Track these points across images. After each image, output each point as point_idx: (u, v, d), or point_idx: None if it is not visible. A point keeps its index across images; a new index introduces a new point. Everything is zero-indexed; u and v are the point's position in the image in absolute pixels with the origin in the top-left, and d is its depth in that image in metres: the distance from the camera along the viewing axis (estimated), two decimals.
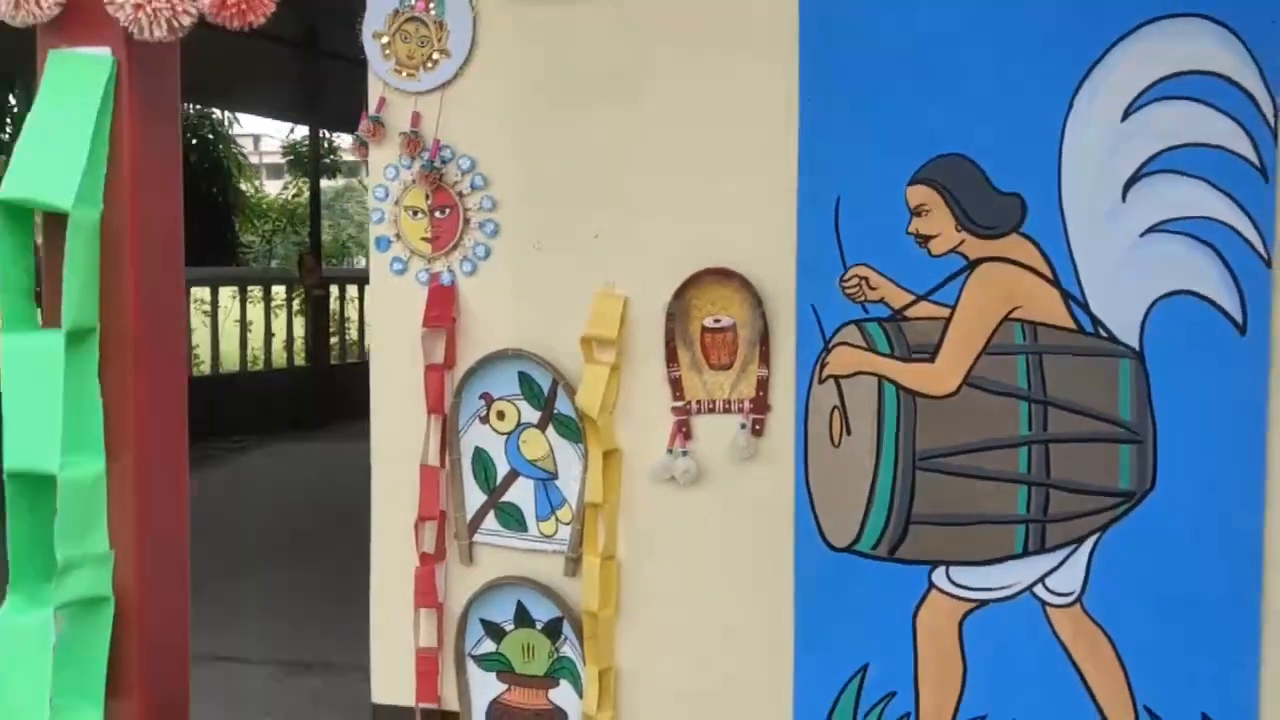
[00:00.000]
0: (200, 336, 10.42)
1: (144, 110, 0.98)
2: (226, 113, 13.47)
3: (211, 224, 12.87)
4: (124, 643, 0.84)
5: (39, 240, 1.60)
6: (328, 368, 11.74)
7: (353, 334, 12.40)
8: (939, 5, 2.63)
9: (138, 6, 0.99)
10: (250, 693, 4.31)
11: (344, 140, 15.21)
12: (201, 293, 10.66)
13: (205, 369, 10.58)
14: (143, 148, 1.02)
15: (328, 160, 15.56)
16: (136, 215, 0.93)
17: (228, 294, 10.93)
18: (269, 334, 11.23)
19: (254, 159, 21.24)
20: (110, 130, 0.93)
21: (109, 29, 1.10)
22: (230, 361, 11.09)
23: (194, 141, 12.83)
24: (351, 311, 12.29)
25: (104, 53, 1.10)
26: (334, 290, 11.76)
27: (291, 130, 15.98)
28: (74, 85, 1.08)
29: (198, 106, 12.77)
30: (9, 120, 10.85)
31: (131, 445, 0.85)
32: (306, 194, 17.89)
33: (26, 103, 9.73)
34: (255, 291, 11.20)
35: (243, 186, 14.25)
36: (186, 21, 1.04)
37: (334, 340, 11.82)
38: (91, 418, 0.88)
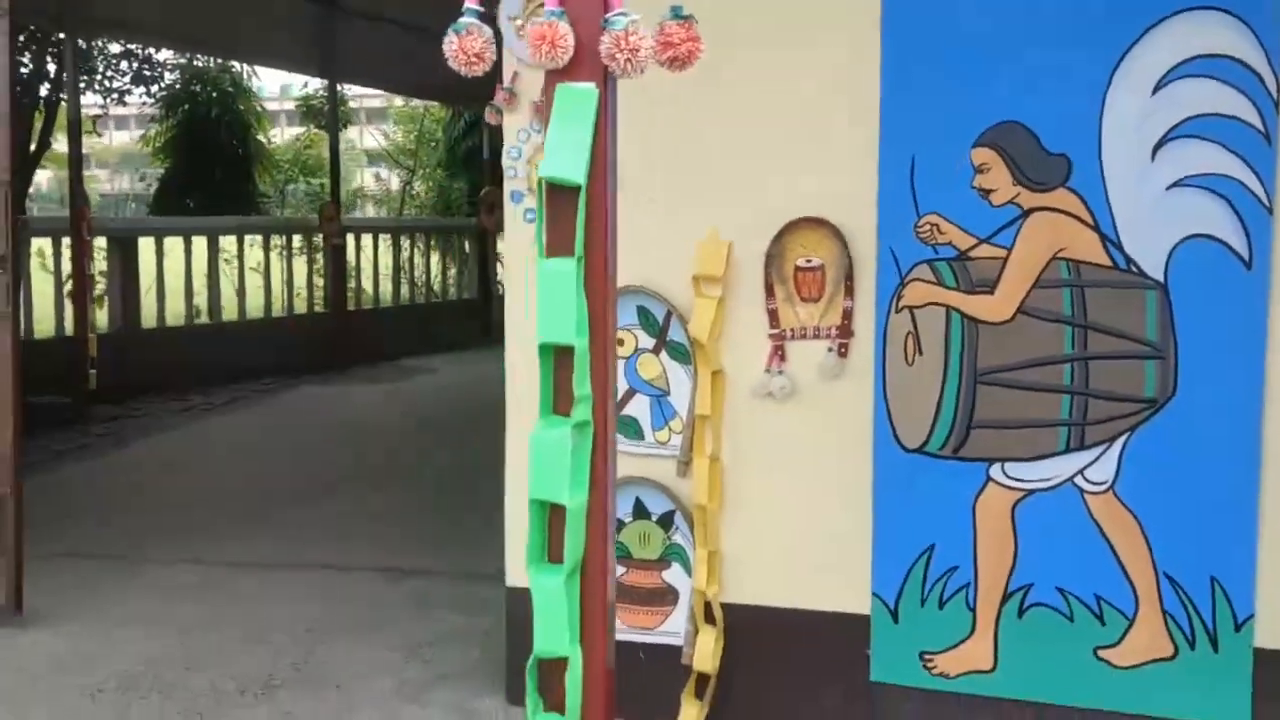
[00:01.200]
0: (227, 283, 10.87)
1: (610, 127, 1.54)
2: (245, 66, 13.83)
3: (232, 175, 13.26)
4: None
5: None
6: (345, 313, 12.22)
7: (366, 282, 12.89)
8: None
9: (626, 59, 1.47)
10: (361, 595, 4.86)
11: (353, 91, 15.58)
12: (227, 241, 11.10)
13: (233, 315, 11.03)
14: (609, 144, 1.60)
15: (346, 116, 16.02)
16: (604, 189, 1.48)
17: (249, 242, 11.37)
18: (291, 281, 11.72)
19: (276, 106, 21.24)
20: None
21: (596, 69, 1.60)
22: (255, 308, 11.57)
23: (214, 95, 13.17)
24: (365, 260, 12.77)
25: (590, 86, 1.61)
26: (350, 240, 12.22)
27: (305, 84, 16.37)
28: (573, 109, 1.59)
29: (219, 61, 13.12)
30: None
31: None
32: (317, 145, 18.31)
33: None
34: (277, 240, 11.66)
35: (261, 139, 14.63)
36: (646, 65, 1.50)
37: (350, 286, 12.30)
38: (582, 320, 1.40)
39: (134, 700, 3.80)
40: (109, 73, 12.70)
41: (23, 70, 10.07)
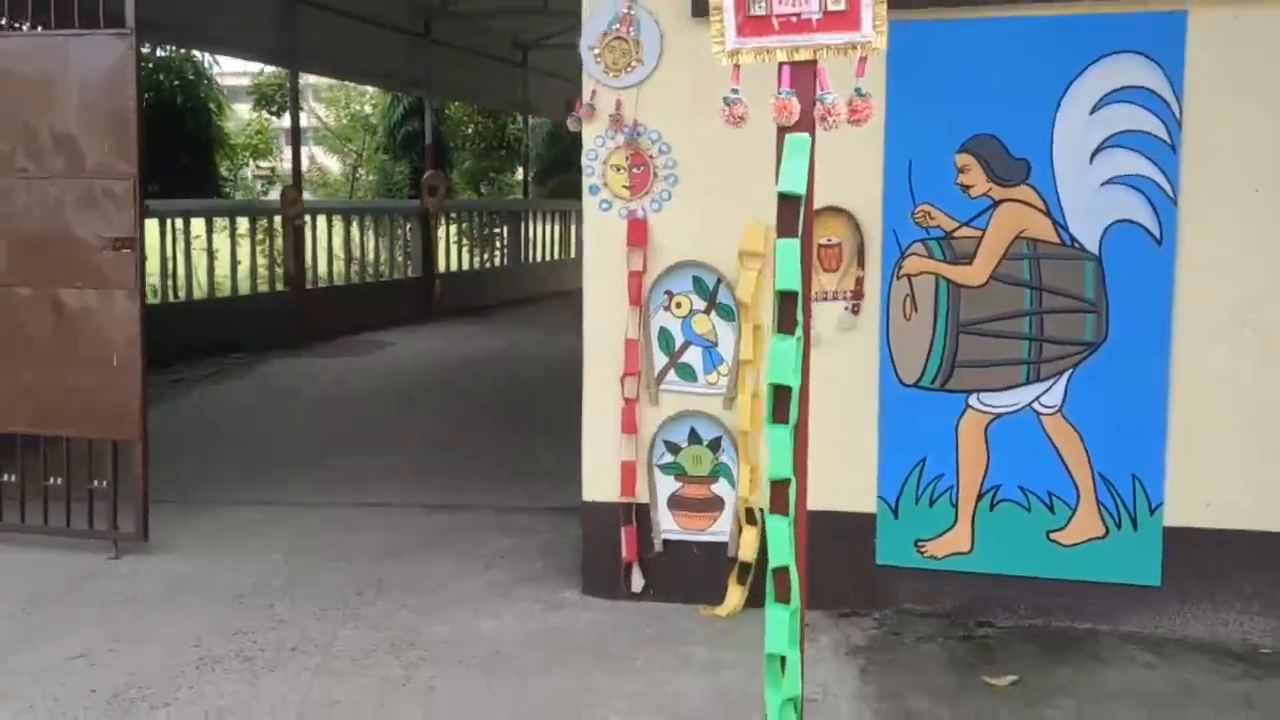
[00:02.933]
0: (198, 263, 11.45)
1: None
2: (207, 54, 14.32)
3: (194, 159, 13.73)
4: None
5: None
6: (303, 291, 12.86)
7: (320, 263, 13.54)
8: (974, 36, 4.16)
9: (831, 121, 2.31)
10: (419, 525, 5.68)
11: (311, 80, 16.07)
12: (197, 224, 11.66)
13: (203, 294, 11.62)
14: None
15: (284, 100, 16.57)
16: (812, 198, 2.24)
17: (218, 225, 11.97)
18: (254, 261, 12.33)
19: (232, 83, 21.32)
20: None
21: (808, 125, 2.47)
22: (222, 287, 12.15)
23: (177, 83, 13.63)
24: (320, 241, 13.42)
25: (805, 136, 2.47)
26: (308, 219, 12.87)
27: (261, 71, 16.83)
28: (796, 150, 2.45)
29: (182, 50, 13.59)
30: None
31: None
32: (265, 129, 18.73)
33: None
34: (242, 222, 12.25)
35: (220, 124, 15.08)
36: (841, 123, 2.31)
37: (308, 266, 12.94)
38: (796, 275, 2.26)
39: (274, 600, 4.62)
40: None
41: None
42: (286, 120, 17.64)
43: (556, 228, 19.14)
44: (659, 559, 4.59)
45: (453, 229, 16.46)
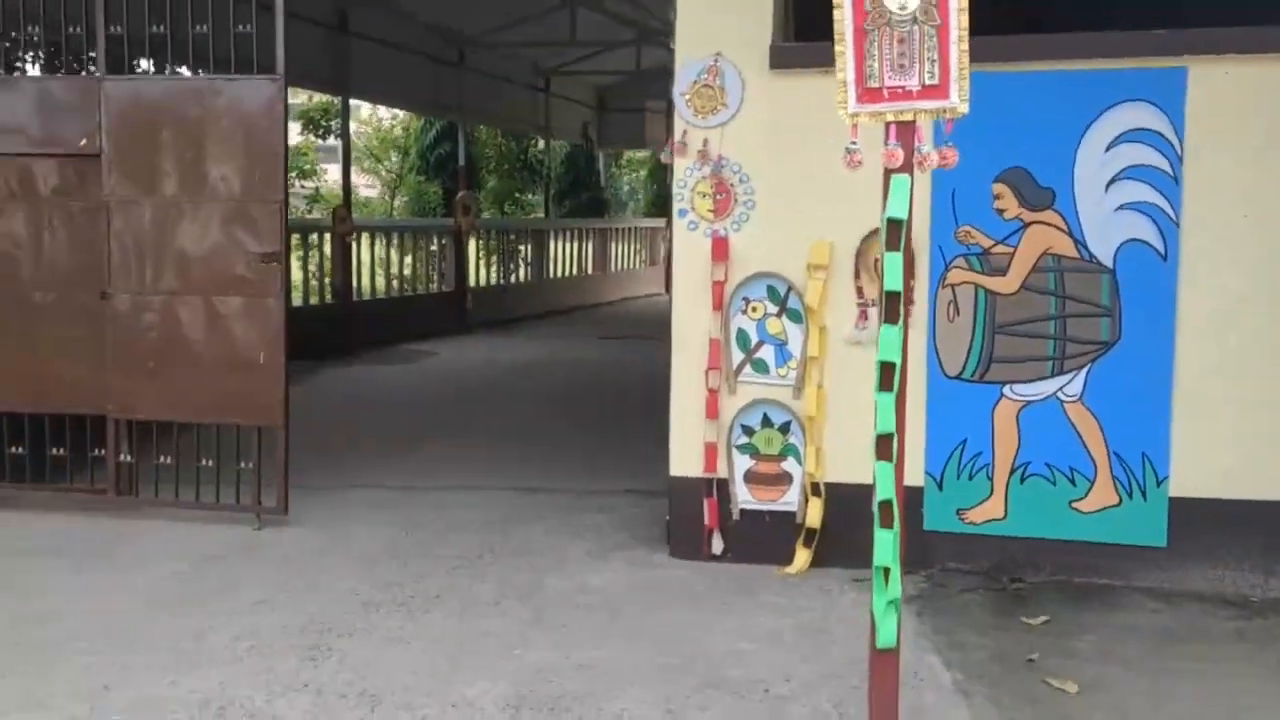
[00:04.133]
0: None
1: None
2: None
3: None
4: None
5: None
6: (351, 304, 13.64)
7: (364, 276, 14.33)
8: (1009, 85, 4.97)
9: (926, 165, 3.07)
10: (515, 503, 6.45)
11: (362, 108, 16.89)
12: None
13: None
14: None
15: (330, 124, 17.48)
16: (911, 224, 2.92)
17: None
18: (305, 275, 13.14)
19: None
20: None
21: (909, 169, 3.25)
22: None
23: None
24: (364, 256, 14.22)
25: (906, 176, 3.25)
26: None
27: (310, 97, 17.68)
28: (899, 187, 3.22)
29: None
30: None
31: None
32: (309, 152, 19.56)
33: None
34: (296, 238, 13.07)
35: None
36: (933, 166, 3.06)
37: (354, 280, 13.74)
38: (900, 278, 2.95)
39: (407, 561, 5.40)
40: None
41: None
42: (327, 142, 18.55)
43: (576, 245, 19.96)
44: (736, 526, 5.38)
45: (479, 246, 17.28)
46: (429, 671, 4.14)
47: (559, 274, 19.52)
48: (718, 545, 5.39)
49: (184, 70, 6.47)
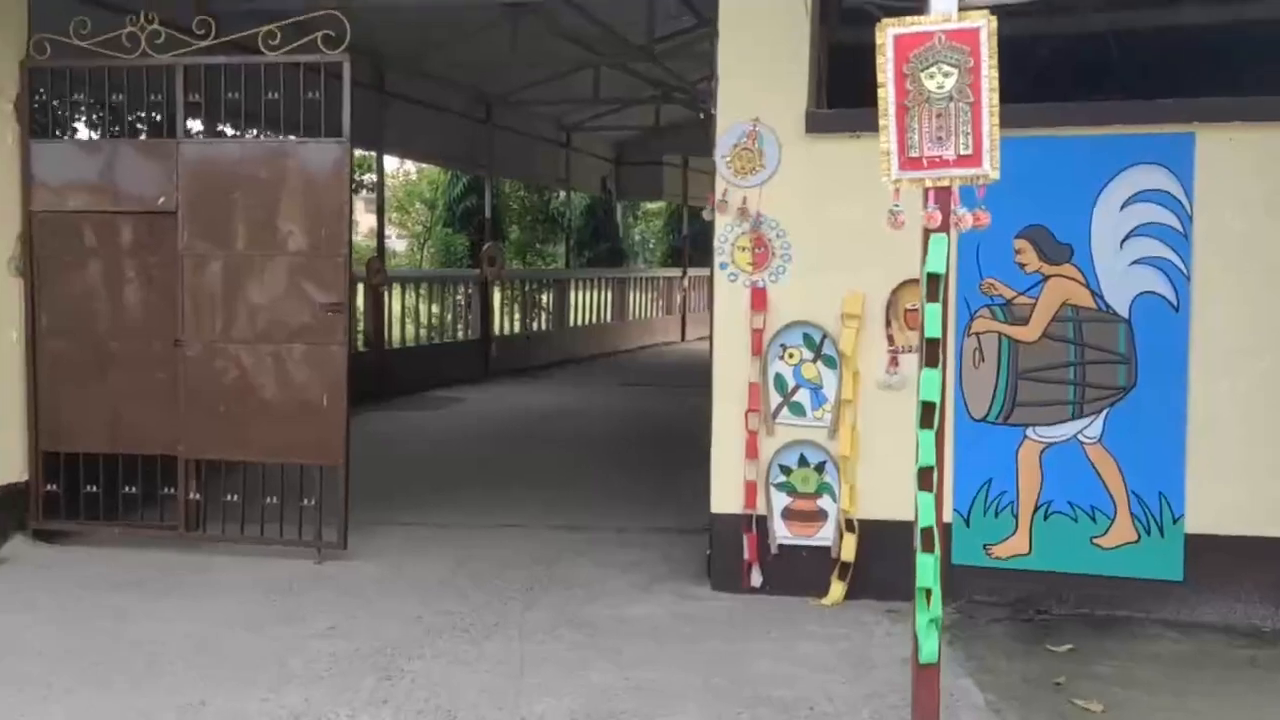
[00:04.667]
0: None
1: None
2: None
3: None
4: None
5: None
6: (382, 352, 14.05)
7: (395, 325, 14.76)
8: (1031, 148, 5.35)
9: (963, 226, 3.48)
10: (558, 541, 6.77)
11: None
12: None
13: None
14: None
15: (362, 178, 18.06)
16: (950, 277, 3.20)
17: None
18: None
19: None
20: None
21: (946, 229, 3.63)
22: None
23: None
24: (397, 305, 14.65)
25: (944, 235, 3.63)
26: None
27: None
28: (937, 247, 3.60)
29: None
30: None
31: None
32: None
33: None
34: None
35: None
36: (968, 228, 3.46)
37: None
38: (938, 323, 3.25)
39: (464, 592, 5.72)
40: None
41: None
42: (359, 195, 19.05)
43: (595, 294, 20.38)
44: (774, 560, 5.70)
45: (503, 295, 17.71)
46: (496, 690, 4.46)
47: (579, 322, 19.92)
48: (757, 578, 5.71)
49: (256, 133, 6.89)
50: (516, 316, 18.17)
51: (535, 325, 18.92)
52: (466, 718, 4.20)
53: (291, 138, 6.25)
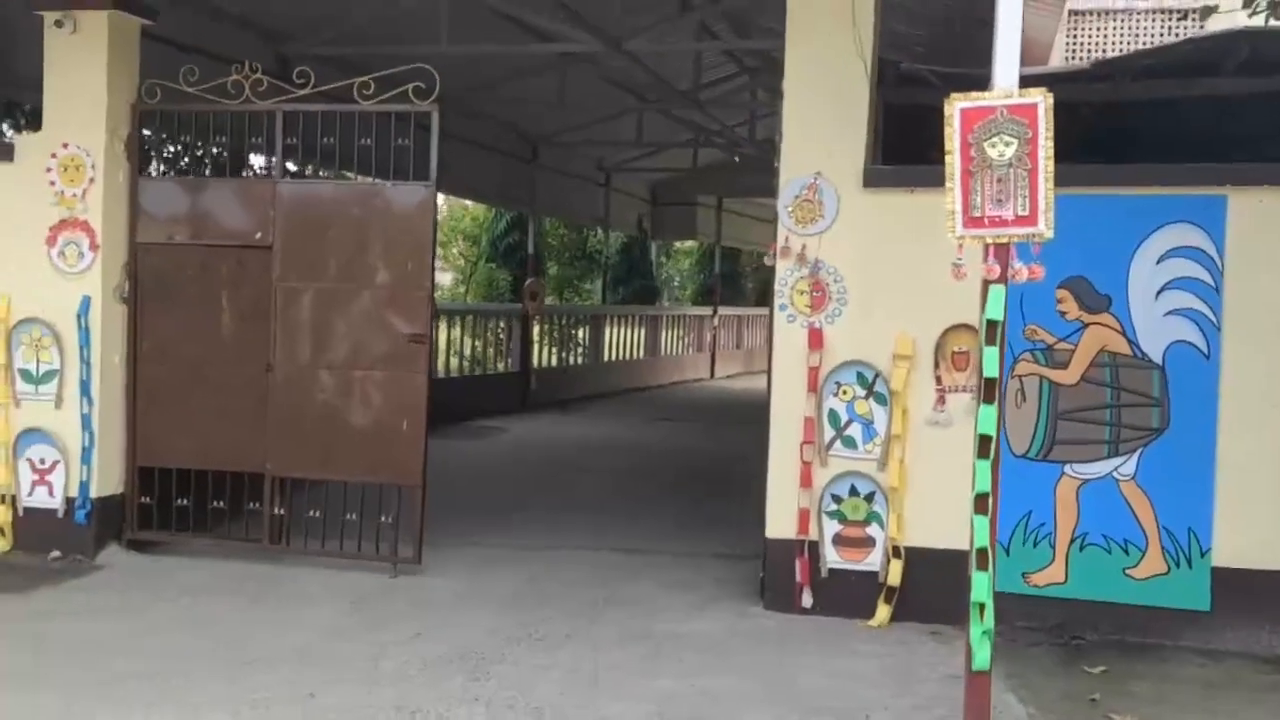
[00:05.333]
0: None
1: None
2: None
3: None
4: None
5: None
6: (432, 382, 14.54)
7: (440, 356, 15.23)
8: (1074, 206, 5.74)
9: (1021, 278, 3.97)
10: (615, 563, 7.17)
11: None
12: None
13: None
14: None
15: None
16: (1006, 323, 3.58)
17: None
18: None
19: None
20: None
21: (1004, 281, 4.07)
22: None
23: None
24: (443, 337, 15.13)
25: (1002, 286, 4.07)
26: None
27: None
28: (994, 296, 4.02)
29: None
30: None
31: None
32: None
33: None
34: None
35: None
36: (1025, 280, 3.93)
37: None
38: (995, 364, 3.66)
39: (534, 607, 6.12)
40: None
41: None
42: None
43: (629, 331, 20.83)
44: (824, 583, 6.09)
45: (542, 329, 18.20)
46: (575, 692, 4.87)
47: (613, 358, 20.37)
48: (808, 599, 6.09)
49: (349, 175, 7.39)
50: (554, 350, 18.65)
51: (572, 359, 19.39)
52: (552, 715, 4.60)
53: (380, 180, 6.74)
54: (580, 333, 19.57)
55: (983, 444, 4.00)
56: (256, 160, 8.62)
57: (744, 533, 7.52)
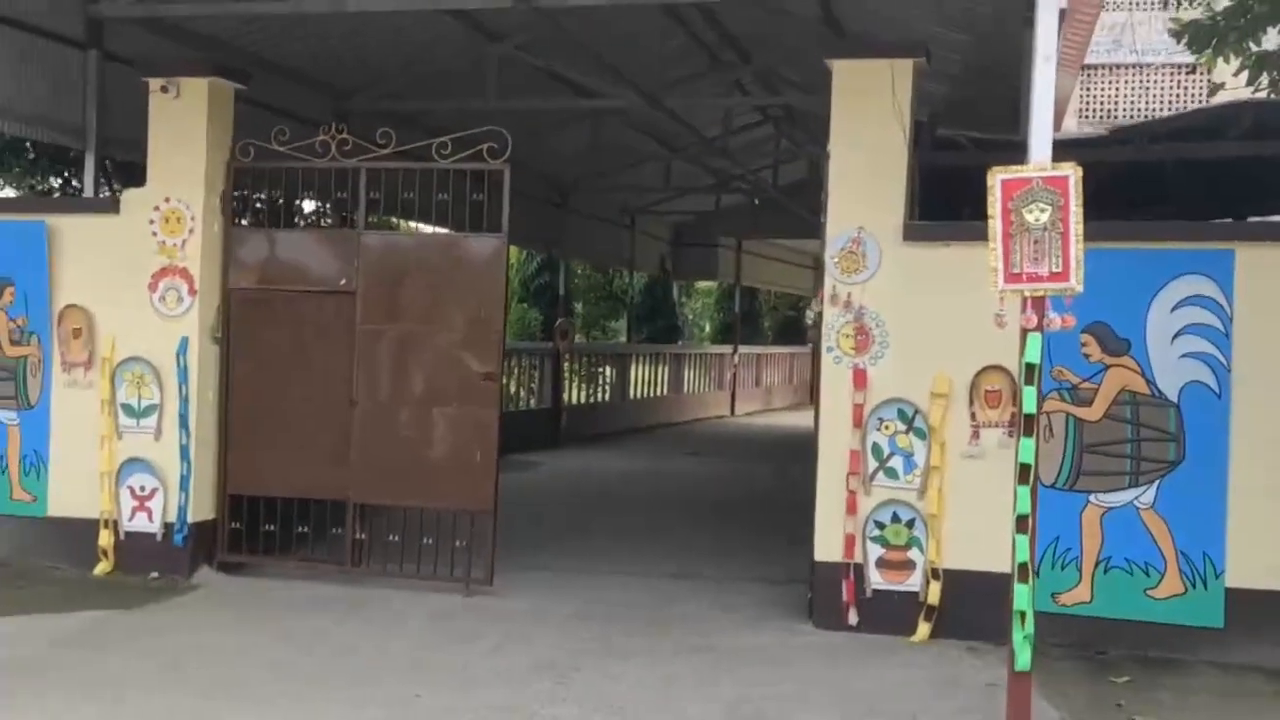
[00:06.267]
0: None
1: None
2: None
3: None
4: None
5: None
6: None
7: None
8: (1096, 259, 6.34)
9: (1055, 326, 4.48)
10: (663, 587, 7.69)
11: None
12: None
13: None
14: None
15: None
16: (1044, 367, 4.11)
17: None
18: None
19: None
20: None
21: (1039, 329, 4.63)
22: None
23: None
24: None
25: (1039, 334, 4.61)
26: None
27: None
28: (1033, 343, 4.53)
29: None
30: None
31: None
32: None
33: None
34: None
35: None
36: (1057, 329, 4.52)
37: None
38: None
39: (600, 626, 6.66)
40: None
41: None
42: None
43: (653, 369, 21.42)
44: (868, 602, 6.62)
45: (571, 367, 18.82)
46: (652, 697, 5.41)
47: (638, 395, 20.95)
48: (854, 617, 6.62)
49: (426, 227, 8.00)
50: (583, 387, 19.25)
51: (600, 396, 19.98)
52: (634, 713, 5.14)
53: (455, 232, 7.35)
54: (607, 370, 20.18)
55: (1023, 471, 4.55)
56: (340, 212, 9.20)
57: (782, 560, 8.11)
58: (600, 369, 20.03)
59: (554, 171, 16.88)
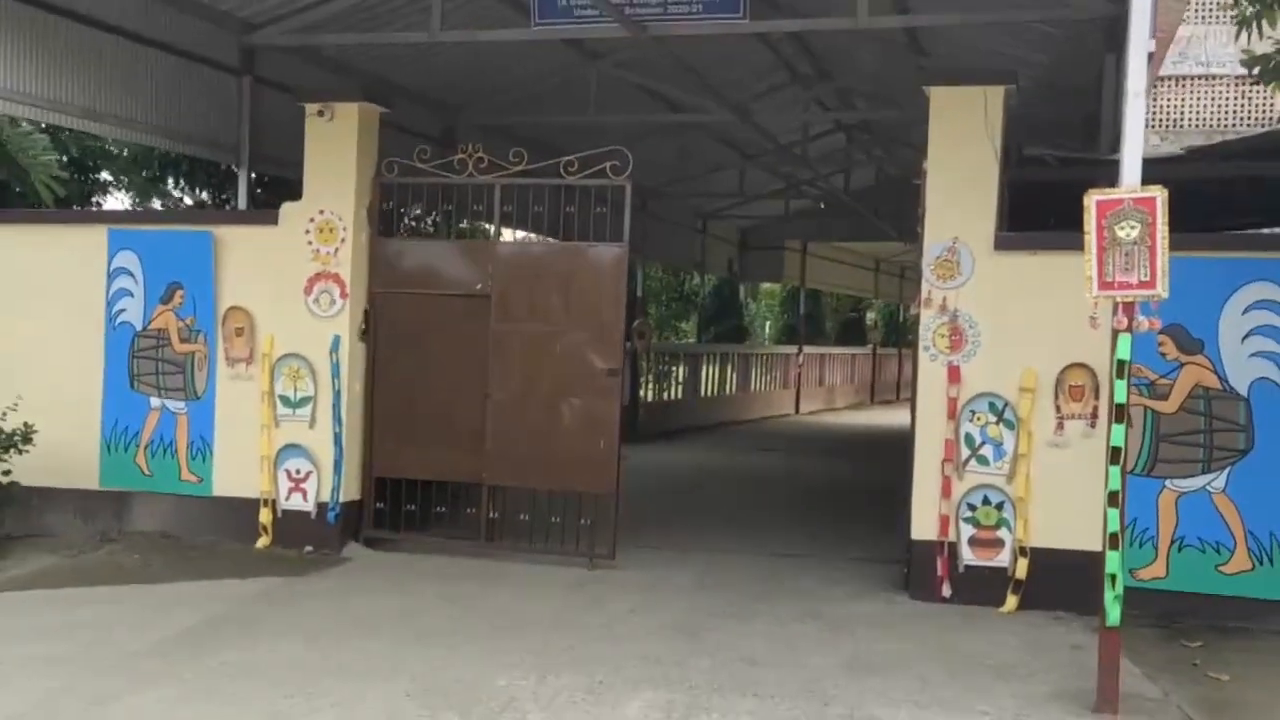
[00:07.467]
0: None
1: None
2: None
3: None
4: None
5: None
6: None
7: None
8: (1174, 267, 6.99)
9: (1138, 328, 5.13)
10: (764, 565, 8.42)
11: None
12: None
13: None
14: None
15: None
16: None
17: None
18: None
19: None
20: None
21: (1129, 332, 5.23)
22: None
23: None
24: None
25: (1128, 334, 5.24)
26: None
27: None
28: (1125, 342, 5.18)
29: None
30: None
31: None
32: None
33: None
34: None
35: None
36: (1141, 330, 5.11)
37: None
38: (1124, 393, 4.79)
39: (718, 593, 7.39)
40: None
41: None
42: None
43: (722, 368, 22.13)
44: (961, 577, 7.30)
45: (646, 366, 19.58)
46: (778, 651, 6.14)
47: (709, 393, 21.67)
48: (947, 590, 7.31)
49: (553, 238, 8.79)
50: (658, 385, 20.01)
51: (673, 394, 20.73)
52: (765, 665, 5.88)
53: (581, 241, 8.13)
54: (680, 369, 20.91)
55: (1114, 453, 5.23)
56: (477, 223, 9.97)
57: (871, 544, 8.81)
58: (673, 368, 20.76)
59: (639, 179, 17.61)
